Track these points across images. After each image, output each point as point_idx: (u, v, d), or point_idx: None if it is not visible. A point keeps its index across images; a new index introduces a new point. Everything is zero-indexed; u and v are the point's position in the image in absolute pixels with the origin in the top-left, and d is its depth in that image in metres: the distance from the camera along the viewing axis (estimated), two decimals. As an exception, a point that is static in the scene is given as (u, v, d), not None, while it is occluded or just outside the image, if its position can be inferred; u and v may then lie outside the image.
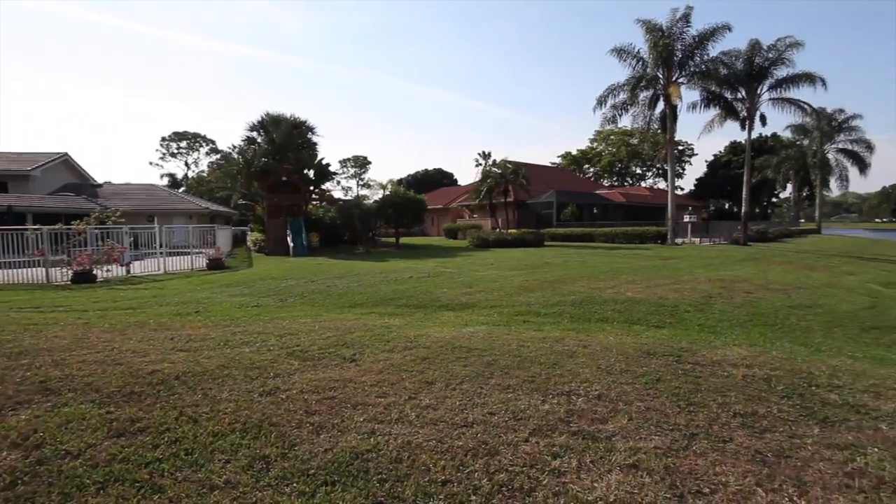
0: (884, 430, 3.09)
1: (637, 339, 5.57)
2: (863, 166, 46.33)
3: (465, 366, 4.30)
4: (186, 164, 73.72)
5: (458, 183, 69.68)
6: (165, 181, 68.59)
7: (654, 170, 71.29)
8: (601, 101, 28.70)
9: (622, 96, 28.06)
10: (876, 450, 2.81)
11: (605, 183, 67.62)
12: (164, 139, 72.11)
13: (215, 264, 15.61)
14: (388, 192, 28.67)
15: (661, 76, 27.03)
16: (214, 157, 68.64)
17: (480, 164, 33.67)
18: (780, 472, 2.54)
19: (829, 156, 48.31)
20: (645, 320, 7.14)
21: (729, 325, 7.00)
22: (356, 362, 4.45)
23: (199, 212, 29.45)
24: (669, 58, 26.13)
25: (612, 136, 69.38)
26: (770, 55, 26.70)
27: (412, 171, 79.82)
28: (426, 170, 79.58)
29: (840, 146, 47.87)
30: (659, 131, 31.66)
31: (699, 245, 27.83)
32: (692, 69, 26.75)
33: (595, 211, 39.07)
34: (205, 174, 63.89)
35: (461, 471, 2.52)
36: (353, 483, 2.41)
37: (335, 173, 49.70)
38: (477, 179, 32.72)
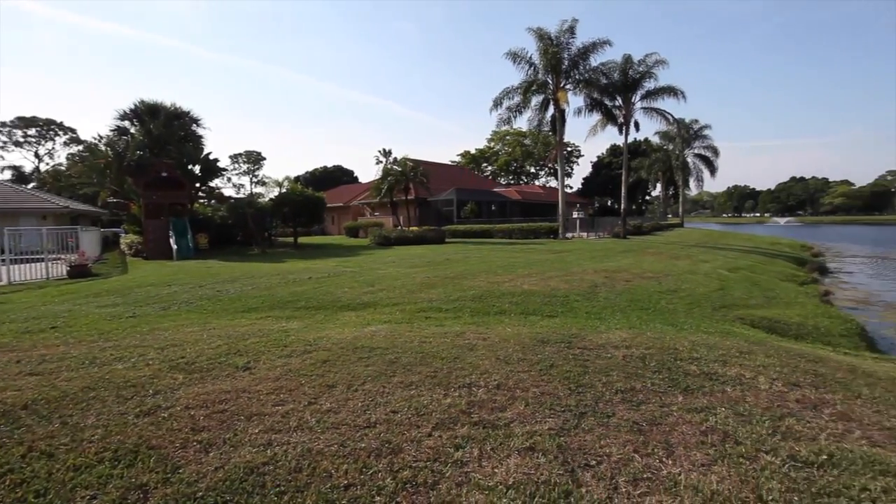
0: (728, 392, 3.63)
1: (532, 329, 5.91)
2: (712, 169, 54.08)
3: (368, 366, 4.24)
4: (37, 155, 63.63)
5: (360, 180, 68.54)
6: (8, 175, 58.48)
7: (547, 169, 76.26)
8: (497, 103, 29.98)
9: (516, 99, 29.58)
10: (723, 409, 3.28)
11: (502, 181, 70.89)
12: (2, 125, 61.33)
13: (79, 272, 13.60)
14: (285, 190, 27.29)
15: (550, 82, 28.93)
16: (76, 149, 59.91)
17: (381, 162, 33.56)
18: (652, 438, 2.86)
19: (689, 160, 55.42)
20: (539, 311, 7.61)
21: (612, 311, 7.72)
22: (251, 370, 4.18)
23: (56, 211, 25.46)
24: (558, 65, 28.06)
25: (507, 137, 72.94)
26: (641, 69, 29.89)
27: (311, 168, 76.92)
28: (325, 167, 77.15)
29: (696, 152, 55.16)
30: (550, 133, 33.91)
31: (586, 239, 30.33)
32: (577, 77, 29.00)
33: (493, 208, 40.78)
34: (63, 168, 55.35)
35: (364, 473, 2.49)
36: (248, 500, 2.26)
37: (224, 169, 46.19)
38: (378, 177, 32.46)
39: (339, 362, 4.36)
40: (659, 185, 62.74)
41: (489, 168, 77.03)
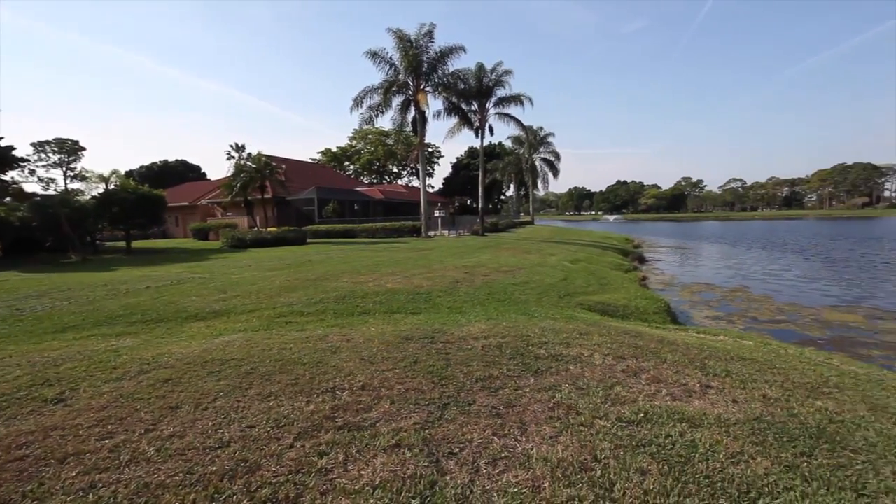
0: (571, 370, 4.10)
1: (397, 327, 5.97)
2: (556, 172, 60.69)
3: (220, 380, 3.86)
4: None
5: (209, 177, 62.10)
6: None
7: (409, 169, 77.67)
8: (358, 102, 29.61)
9: (377, 99, 29.54)
10: (567, 385, 3.70)
11: (365, 180, 70.35)
12: None
13: None
14: (113, 187, 23.35)
15: (411, 83, 29.49)
16: None
17: (233, 157, 30.65)
18: (509, 420, 3.09)
19: (536, 163, 61.31)
20: (404, 308, 7.72)
21: (472, 304, 8.17)
22: (65, 402, 3.50)
23: None
24: (418, 67, 28.73)
25: (370, 136, 72.50)
26: (493, 77, 32.16)
27: (148, 162, 67.25)
28: (167, 161, 68.20)
29: (542, 156, 61.28)
30: (411, 134, 34.59)
31: (448, 237, 31.64)
32: (437, 81, 30.03)
33: (356, 207, 40.23)
34: None
35: (216, 499, 2.26)
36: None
37: (24, 159, 38.13)
38: (230, 174, 29.67)
39: (185, 380, 3.89)
40: (512, 186, 68.32)
41: (352, 167, 75.74)
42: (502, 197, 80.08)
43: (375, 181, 72.99)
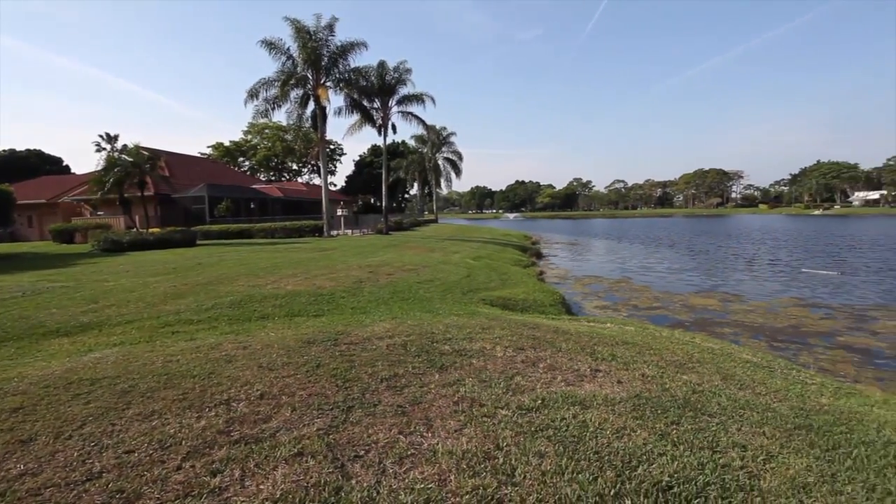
0: (474, 363, 4.23)
1: (298, 331, 5.72)
2: (458, 171, 62.24)
3: (88, 403, 3.40)
4: None
5: (73, 171, 54.46)
6: None
7: (310, 166, 74.68)
8: (253, 94, 27.83)
9: (274, 91, 27.98)
10: (469, 379, 3.81)
11: (262, 177, 66.41)
12: None
13: None
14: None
15: (310, 77, 28.35)
16: None
17: (104, 149, 27.27)
18: (415, 417, 3.11)
19: (440, 162, 62.36)
20: (305, 311, 7.42)
21: (376, 304, 8.09)
22: None
23: None
24: (317, 61, 27.69)
25: (267, 130, 68.49)
26: (396, 75, 32.06)
27: (-15, 152, 56.97)
28: (14, 150, 58.27)
29: (445, 155, 62.45)
30: (311, 130, 33.31)
31: (351, 236, 31.00)
32: (338, 76, 29.20)
33: (253, 206, 37.84)
34: None
35: (83, 538, 1.98)
36: None
37: None
38: (101, 167, 26.21)
39: (42, 406, 3.36)
40: (416, 185, 68.76)
41: (247, 163, 70.93)
42: (406, 195, 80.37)
43: (274, 178, 69.14)
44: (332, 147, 72.49)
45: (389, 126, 33.66)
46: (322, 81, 28.44)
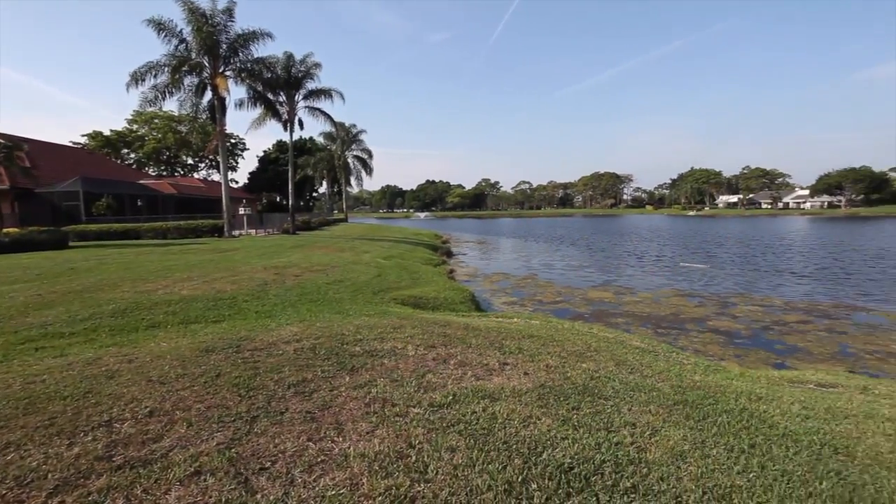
0: (386, 363, 4.20)
1: (195, 339, 5.28)
2: (369, 170, 61.32)
3: (-77, 435, 2.84)
4: None
5: None
6: None
7: (208, 161, 69.11)
8: (137, 78, 24.99)
9: (164, 77, 25.45)
10: (382, 379, 3.78)
11: (152, 172, 60.24)
12: None
13: None
14: None
15: (207, 65, 26.20)
16: None
17: (-59, 134, 22.89)
18: (324, 423, 3.01)
19: (349, 160, 60.96)
20: (203, 317, 6.86)
21: (283, 307, 7.71)
22: None
23: None
24: (215, 47, 25.67)
25: (156, 120, 62.09)
26: (303, 68, 30.78)
27: None
28: None
29: (355, 153, 61.20)
30: (209, 122, 30.83)
31: (255, 236, 29.27)
32: (239, 65, 27.29)
33: (140, 203, 34.17)
34: None
35: None
36: None
37: None
38: (-64, 156, 22.03)
39: None
40: (325, 183, 66.59)
41: (133, 155, 63.73)
42: (315, 194, 77.51)
43: (165, 173, 62.92)
44: (233, 141, 67.78)
45: (296, 121, 32.27)
46: (221, 70, 26.44)
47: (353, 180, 62.38)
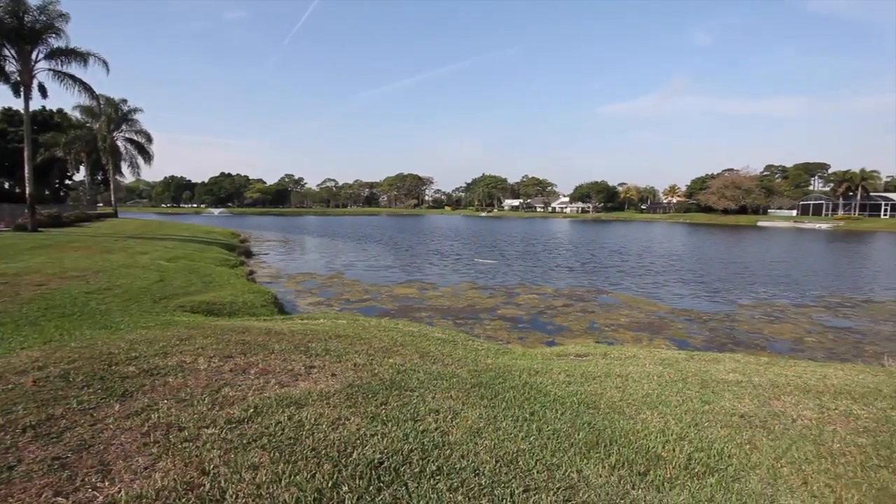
0: (170, 382, 3.62)
1: None
2: (147, 156, 51.65)
3: None
4: None
5: None
6: None
7: None
8: None
9: None
10: (165, 402, 3.23)
11: None
12: None
13: None
14: None
15: None
16: None
17: None
18: (82, 468, 2.42)
19: (119, 143, 50.49)
20: None
21: (15, 326, 5.93)
22: None
23: None
24: None
25: None
26: (42, 17, 24.09)
27: None
28: None
29: (127, 135, 51.01)
30: None
31: (-29, 234, 21.99)
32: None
33: None
34: None
35: None
36: None
37: None
38: None
39: None
40: (83, 168, 53.86)
41: None
42: (67, 182, 62.18)
43: None
44: (-76, 104, 49.47)
45: (35, 86, 25.23)
46: None
47: (125, 167, 51.77)
